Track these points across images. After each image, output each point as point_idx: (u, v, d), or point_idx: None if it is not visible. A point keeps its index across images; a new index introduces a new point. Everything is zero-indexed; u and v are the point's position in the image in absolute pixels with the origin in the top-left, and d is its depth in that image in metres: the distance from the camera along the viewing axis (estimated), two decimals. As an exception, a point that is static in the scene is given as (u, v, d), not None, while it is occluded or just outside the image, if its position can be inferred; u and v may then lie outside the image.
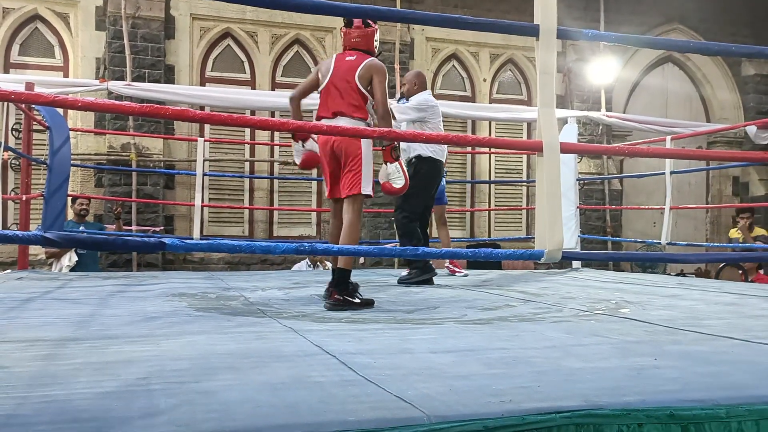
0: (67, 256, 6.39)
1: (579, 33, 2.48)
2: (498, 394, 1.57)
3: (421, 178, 4.78)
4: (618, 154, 8.62)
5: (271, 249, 1.91)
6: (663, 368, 1.91)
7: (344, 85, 3.53)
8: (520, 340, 2.41)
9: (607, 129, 9.56)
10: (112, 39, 7.87)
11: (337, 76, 3.57)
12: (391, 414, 1.41)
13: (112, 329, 2.60)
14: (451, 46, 9.46)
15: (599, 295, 4.10)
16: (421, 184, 4.78)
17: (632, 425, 1.47)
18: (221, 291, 4.15)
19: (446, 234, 5.59)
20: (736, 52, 2.67)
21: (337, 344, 2.26)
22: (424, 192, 4.88)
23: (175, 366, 1.88)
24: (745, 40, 9.87)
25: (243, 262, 8.30)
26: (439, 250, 2.07)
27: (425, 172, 4.84)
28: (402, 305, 3.55)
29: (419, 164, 4.84)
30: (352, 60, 3.59)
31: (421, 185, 4.79)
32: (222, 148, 8.52)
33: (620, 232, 9.74)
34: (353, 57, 3.60)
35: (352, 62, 3.58)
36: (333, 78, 3.58)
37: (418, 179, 4.68)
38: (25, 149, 5.38)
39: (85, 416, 1.37)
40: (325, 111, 3.56)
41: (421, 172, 4.81)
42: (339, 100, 3.52)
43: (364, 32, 3.65)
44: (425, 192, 4.91)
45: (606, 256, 6.70)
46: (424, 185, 4.87)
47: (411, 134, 2.81)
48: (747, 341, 2.38)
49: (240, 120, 2.28)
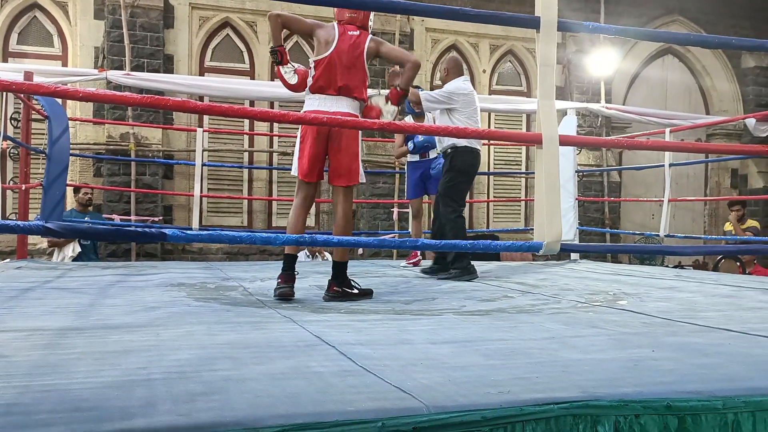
0: (71, 246, 6.40)
1: (580, 25, 2.48)
2: (496, 384, 1.58)
3: (459, 170, 4.65)
4: (617, 147, 8.61)
5: (271, 240, 1.91)
6: (660, 360, 1.92)
7: (351, 60, 3.34)
8: (518, 332, 2.42)
9: (607, 121, 9.56)
10: (111, 28, 7.84)
11: (343, 49, 3.36)
12: (391, 404, 1.42)
13: (112, 319, 2.61)
14: (450, 36, 9.43)
15: (597, 286, 4.11)
16: (461, 177, 4.67)
17: (629, 416, 1.49)
18: (220, 281, 4.16)
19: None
20: (736, 45, 2.66)
21: (337, 335, 2.27)
22: (465, 184, 4.77)
23: (174, 356, 1.89)
24: (745, 32, 9.86)
25: (242, 252, 8.30)
26: (438, 242, 2.08)
27: (461, 163, 4.65)
28: (400, 296, 3.56)
29: (455, 156, 4.64)
30: (356, 35, 3.39)
31: (462, 177, 4.68)
32: (221, 139, 8.50)
33: (618, 224, 9.75)
34: (357, 32, 3.41)
35: (356, 37, 3.39)
36: (338, 50, 3.36)
37: (456, 171, 4.62)
38: (24, 138, 5.37)
39: (86, 405, 1.38)
40: (328, 85, 3.34)
41: (458, 163, 4.64)
42: (345, 76, 3.32)
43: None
44: (466, 184, 4.80)
45: (604, 248, 6.71)
46: (465, 177, 4.73)
47: (411, 126, 2.80)
48: (743, 333, 2.39)
49: (240, 111, 2.27)
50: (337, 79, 3.32)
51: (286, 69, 3.39)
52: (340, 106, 3.28)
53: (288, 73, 3.37)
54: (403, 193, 8.11)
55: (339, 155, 3.32)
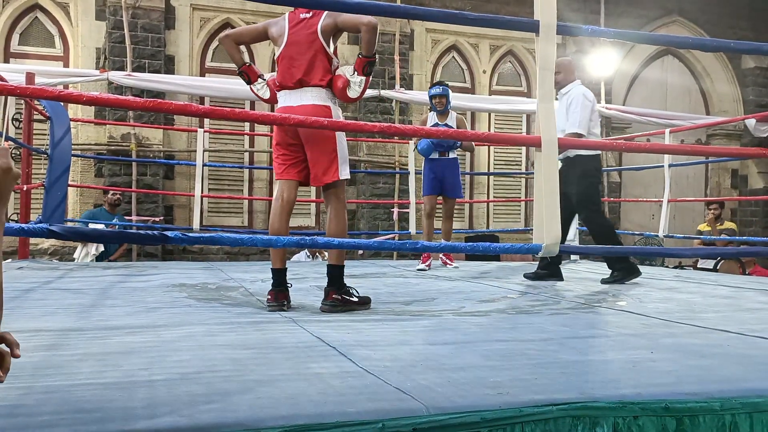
0: (94, 244, 6.40)
1: (579, 29, 2.49)
2: (496, 386, 1.59)
3: (590, 176, 4.49)
4: (616, 150, 8.62)
5: (273, 242, 1.92)
6: (659, 361, 1.93)
7: (306, 45, 3.08)
8: (517, 332, 2.43)
9: (607, 121, 9.57)
10: (113, 29, 7.85)
11: (295, 38, 3.11)
12: (390, 405, 1.43)
13: (113, 320, 2.62)
14: (451, 37, 9.44)
15: (597, 287, 4.13)
16: (594, 181, 4.57)
17: (628, 418, 1.50)
18: (221, 282, 4.17)
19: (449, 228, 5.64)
20: (735, 49, 2.67)
21: (337, 336, 2.28)
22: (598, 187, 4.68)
23: (175, 357, 1.90)
24: (744, 33, 9.87)
25: (242, 252, 8.32)
26: (439, 243, 2.09)
27: (591, 169, 4.50)
28: (400, 297, 3.57)
29: (581, 163, 4.42)
30: (308, 17, 3.11)
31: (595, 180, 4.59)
32: (221, 139, 8.52)
33: (618, 224, 9.75)
34: (308, 14, 3.11)
35: (308, 19, 3.11)
36: (290, 41, 3.12)
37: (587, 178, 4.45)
38: (26, 139, 5.39)
39: (89, 407, 1.39)
40: (287, 79, 3.12)
41: (588, 170, 4.46)
42: (302, 67, 3.08)
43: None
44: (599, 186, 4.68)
45: (603, 249, 6.69)
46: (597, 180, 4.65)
47: (411, 129, 2.81)
48: (742, 334, 2.40)
49: (241, 115, 2.29)
50: (295, 71, 3.10)
51: (257, 85, 3.25)
52: (304, 98, 3.08)
53: (260, 89, 3.25)
54: (404, 194, 8.14)
55: (314, 152, 3.11)
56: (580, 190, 4.41)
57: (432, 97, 5.50)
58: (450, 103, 5.55)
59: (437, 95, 5.46)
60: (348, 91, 3.05)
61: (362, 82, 3.05)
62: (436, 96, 5.46)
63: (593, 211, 4.51)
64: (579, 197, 4.42)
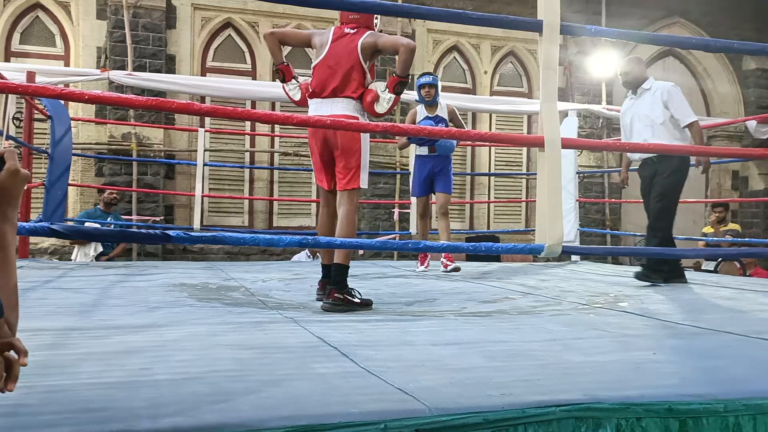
0: (93, 244, 6.38)
1: (582, 29, 2.49)
2: (499, 386, 1.59)
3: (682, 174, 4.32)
4: (618, 150, 8.62)
5: (275, 242, 1.92)
6: (662, 362, 1.93)
7: (345, 59, 3.22)
8: (520, 333, 2.43)
9: (608, 122, 9.56)
10: (114, 28, 7.85)
11: (336, 50, 3.25)
12: (393, 406, 1.43)
13: (115, 319, 2.62)
14: (452, 38, 9.44)
15: (598, 288, 4.12)
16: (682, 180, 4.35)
17: (631, 419, 1.49)
18: (222, 281, 4.17)
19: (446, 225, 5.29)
20: (738, 49, 2.66)
21: (339, 336, 2.28)
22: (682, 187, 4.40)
23: (178, 356, 1.90)
24: (747, 34, 9.85)
25: (243, 252, 8.32)
26: (440, 244, 2.08)
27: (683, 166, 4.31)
28: (402, 297, 3.57)
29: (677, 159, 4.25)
30: (352, 33, 3.27)
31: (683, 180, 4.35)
32: (222, 139, 8.52)
33: (619, 226, 9.75)
34: (353, 30, 3.28)
35: (352, 35, 3.26)
36: (330, 53, 3.26)
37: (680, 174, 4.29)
38: (27, 138, 5.38)
39: (92, 406, 1.39)
40: (322, 89, 3.25)
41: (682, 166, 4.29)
42: (338, 77, 3.21)
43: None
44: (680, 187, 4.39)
45: (605, 250, 6.72)
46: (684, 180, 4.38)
47: (414, 129, 2.81)
48: (744, 336, 2.40)
49: (243, 114, 2.28)
50: (330, 82, 3.23)
51: (291, 86, 3.38)
52: (335, 108, 3.17)
53: (293, 89, 3.38)
54: (405, 194, 8.14)
55: (339, 158, 3.25)
56: (669, 182, 4.27)
57: (420, 87, 5.13)
58: (439, 94, 5.21)
59: (426, 84, 5.10)
60: (376, 105, 3.17)
61: (391, 100, 3.20)
62: (424, 86, 5.10)
63: (670, 206, 4.34)
64: (664, 188, 4.28)
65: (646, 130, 4.34)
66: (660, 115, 4.28)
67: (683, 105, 4.29)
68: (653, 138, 4.24)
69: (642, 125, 4.38)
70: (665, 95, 4.30)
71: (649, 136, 4.28)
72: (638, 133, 4.38)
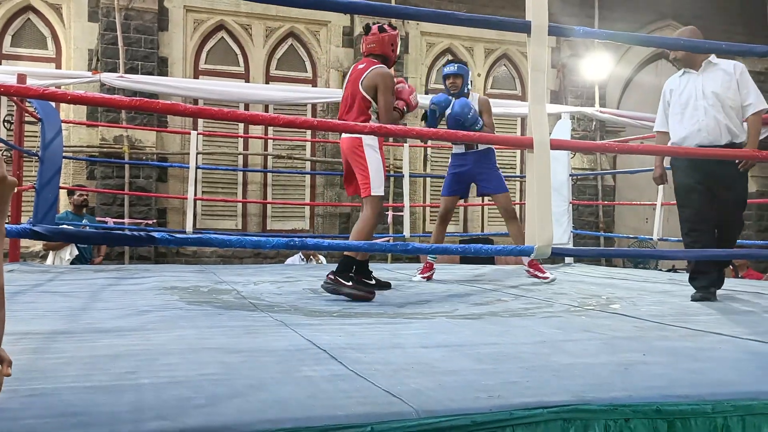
0: (68, 249, 6.38)
1: (570, 30, 2.49)
2: (487, 389, 1.58)
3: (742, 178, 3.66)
4: (609, 152, 8.64)
5: (262, 243, 1.91)
6: (651, 364, 1.92)
7: (352, 93, 3.73)
8: (510, 336, 2.42)
9: (601, 125, 9.59)
10: (105, 30, 7.83)
11: (349, 84, 3.79)
12: (380, 409, 1.41)
13: (103, 323, 2.60)
14: (445, 40, 9.46)
15: (590, 290, 4.12)
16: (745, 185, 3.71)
17: (619, 420, 1.49)
18: (213, 285, 4.14)
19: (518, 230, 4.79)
20: (726, 50, 2.67)
21: (328, 339, 2.26)
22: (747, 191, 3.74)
23: (164, 360, 1.88)
24: (739, 37, 9.90)
25: (236, 255, 8.29)
26: (430, 246, 2.06)
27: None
28: (394, 299, 3.56)
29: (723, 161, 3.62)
30: (361, 68, 3.76)
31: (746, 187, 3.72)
32: (215, 141, 8.49)
33: (612, 228, 9.77)
34: (363, 65, 3.76)
35: (360, 70, 3.75)
36: (346, 86, 3.81)
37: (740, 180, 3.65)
38: (17, 141, 5.36)
39: (73, 410, 1.37)
40: (340, 112, 3.84)
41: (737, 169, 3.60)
42: (347, 110, 3.75)
43: (378, 38, 3.78)
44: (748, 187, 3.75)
45: (596, 252, 6.74)
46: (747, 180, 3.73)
47: (403, 130, 2.80)
48: (734, 337, 2.40)
49: (231, 115, 2.27)
50: (343, 108, 3.79)
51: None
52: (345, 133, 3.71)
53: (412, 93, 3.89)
54: (398, 197, 8.12)
55: (354, 170, 3.76)
56: (742, 186, 3.66)
57: (445, 77, 4.68)
58: (468, 85, 4.67)
59: (450, 75, 4.63)
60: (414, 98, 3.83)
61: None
62: (449, 76, 4.64)
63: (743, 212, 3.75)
64: (739, 196, 3.65)
65: (718, 112, 3.58)
66: (732, 96, 3.58)
67: (754, 87, 3.61)
68: (726, 122, 3.56)
69: (708, 104, 3.60)
70: (739, 73, 3.61)
71: (722, 118, 3.57)
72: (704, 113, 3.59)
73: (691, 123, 3.64)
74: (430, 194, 9.36)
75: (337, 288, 3.43)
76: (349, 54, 8.92)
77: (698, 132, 3.60)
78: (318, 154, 8.83)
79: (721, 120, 3.56)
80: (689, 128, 3.64)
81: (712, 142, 3.56)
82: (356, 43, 8.81)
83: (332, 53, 8.86)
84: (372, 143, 3.66)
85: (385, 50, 3.79)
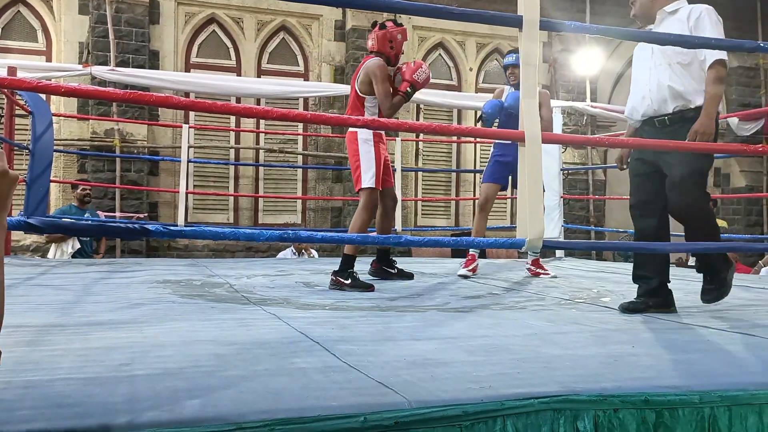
0: (70, 242, 6.36)
1: (561, 24, 2.50)
2: (478, 380, 1.60)
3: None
4: (600, 145, 8.68)
5: (255, 236, 1.92)
6: (639, 356, 1.95)
7: (351, 91, 3.92)
8: (501, 328, 2.44)
9: (592, 119, 9.62)
10: (96, 23, 7.78)
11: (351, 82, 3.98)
12: (373, 399, 1.43)
13: (96, 316, 2.60)
14: (437, 35, 9.45)
15: (581, 284, 4.15)
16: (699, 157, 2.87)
17: (608, 410, 1.51)
18: (206, 278, 4.15)
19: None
20: (715, 45, 2.67)
21: (321, 331, 2.28)
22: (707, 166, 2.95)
23: (158, 352, 1.89)
24: (729, 33, 9.88)
25: (228, 249, 8.28)
26: (422, 239, 2.07)
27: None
28: (386, 293, 3.58)
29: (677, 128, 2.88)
30: (360, 64, 3.91)
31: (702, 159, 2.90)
32: (207, 135, 8.47)
33: (603, 222, 9.83)
34: (362, 63, 3.89)
35: (358, 68, 3.90)
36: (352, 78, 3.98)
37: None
38: (8, 134, 5.33)
39: (68, 401, 1.38)
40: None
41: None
42: (347, 107, 3.98)
43: (375, 35, 3.89)
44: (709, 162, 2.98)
45: (587, 245, 6.77)
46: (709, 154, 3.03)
47: (395, 123, 2.81)
48: (721, 330, 2.43)
49: (224, 108, 2.28)
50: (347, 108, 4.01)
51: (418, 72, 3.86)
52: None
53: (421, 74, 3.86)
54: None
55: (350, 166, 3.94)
56: (690, 158, 2.82)
57: (505, 68, 4.66)
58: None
59: (510, 65, 4.54)
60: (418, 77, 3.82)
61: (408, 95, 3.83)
62: (508, 66, 4.58)
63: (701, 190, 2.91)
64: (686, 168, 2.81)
65: (662, 72, 2.92)
66: (681, 50, 2.86)
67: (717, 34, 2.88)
68: (670, 82, 2.88)
69: (654, 64, 2.96)
70: (694, 19, 2.89)
71: (666, 79, 2.90)
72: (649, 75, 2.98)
73: (636, 90, 3.07)
74: (422, 188, 9.38)
75: (340, 288, 3.62)
76: (340, 48, 8.91)
77: (642, 100, 3.00)
78: (310, 148, 8.83)
79: (663, 82, 2.89)
80: (636, 97, 3.06)
81: (657, 111, 2.93)
82: (348, 37, 8.80)
83: (324, 47, 8.84)
84: (367, 137, 3.80)
85: (382, 47, 3.85)
